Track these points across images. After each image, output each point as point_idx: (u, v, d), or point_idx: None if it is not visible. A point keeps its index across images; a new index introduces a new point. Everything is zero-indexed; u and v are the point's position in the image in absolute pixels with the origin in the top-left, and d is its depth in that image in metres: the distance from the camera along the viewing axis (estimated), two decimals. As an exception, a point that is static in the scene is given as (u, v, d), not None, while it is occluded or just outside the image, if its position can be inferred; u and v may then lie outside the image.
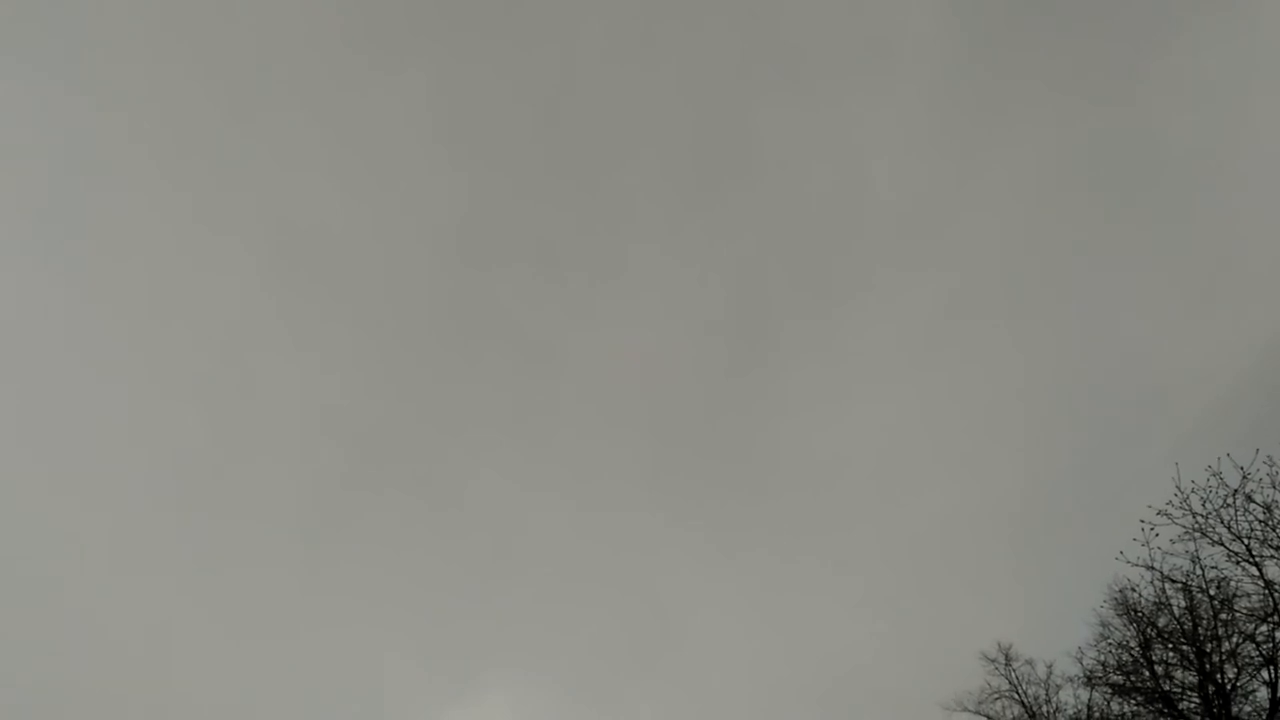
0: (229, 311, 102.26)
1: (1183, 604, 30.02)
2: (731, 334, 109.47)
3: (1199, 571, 29.08)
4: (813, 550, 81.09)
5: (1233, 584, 28.48)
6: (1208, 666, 29.22)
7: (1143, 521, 29.16)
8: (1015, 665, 37.45)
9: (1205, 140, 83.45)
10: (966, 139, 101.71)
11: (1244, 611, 28.32)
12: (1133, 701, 31.77)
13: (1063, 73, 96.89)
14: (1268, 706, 28.02)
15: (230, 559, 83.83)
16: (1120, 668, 32.14)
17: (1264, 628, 27.96)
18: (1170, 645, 30.56)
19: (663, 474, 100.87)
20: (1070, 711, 35.13)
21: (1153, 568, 29.88)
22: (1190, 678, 29.94)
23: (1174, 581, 29.87)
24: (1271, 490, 26.87)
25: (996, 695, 37.42)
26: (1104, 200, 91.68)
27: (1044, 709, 36.03)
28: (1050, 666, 36.53)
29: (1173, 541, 29.16)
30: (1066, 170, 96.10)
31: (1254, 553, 27.30)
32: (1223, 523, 27.70)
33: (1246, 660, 28.57)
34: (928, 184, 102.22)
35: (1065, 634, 35.81)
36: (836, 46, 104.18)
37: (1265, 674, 28.24)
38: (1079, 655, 34.19)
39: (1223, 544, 27.90)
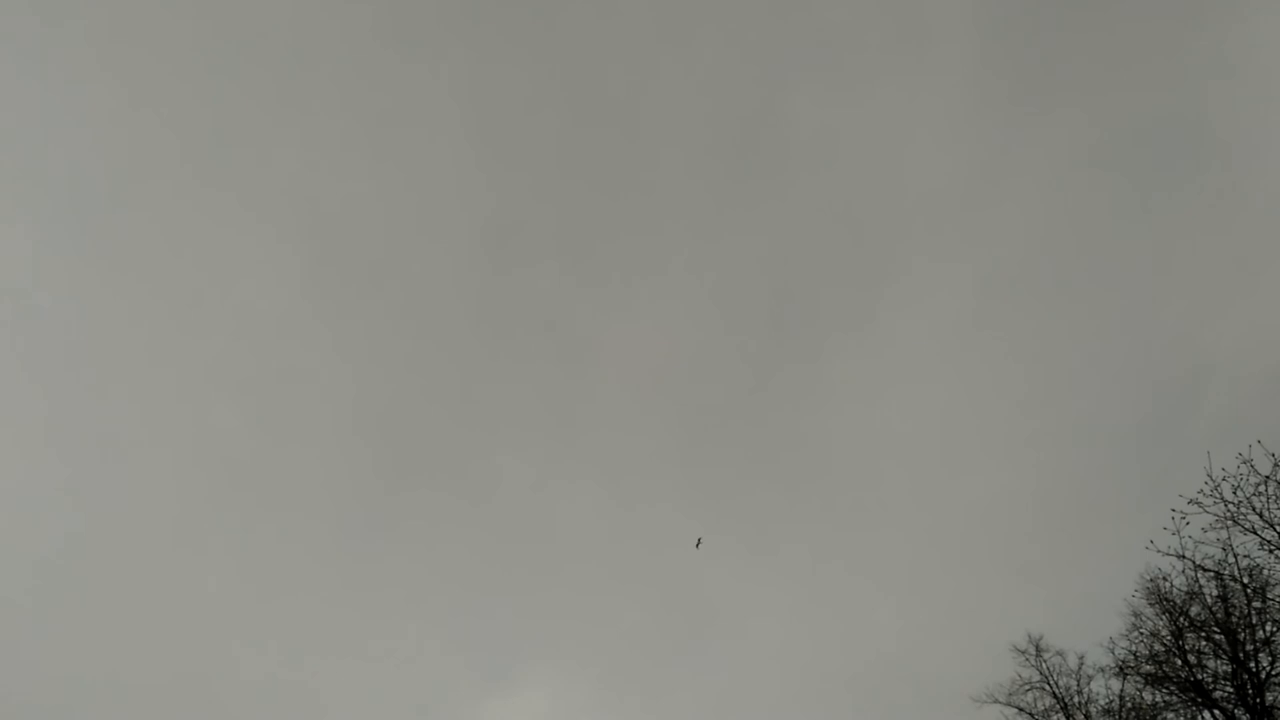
0: (268, 309, 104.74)
1: (1215, 592, 29.81)
2: (765, 326, 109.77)
3: (1231, 559, 28.85)
4: (846, 539, 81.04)
5: (1266, 572, 28.24)
6: (1241, 655, 28.98)
7: (1174, 510, 28.87)
8: (1046, 656, 37.32)
9: (1245, 123, 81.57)
10: (1002, 125, 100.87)
11: (1278, 599, 28.00)
12: (1165, 691, 31.53)
13: (1099, 58, 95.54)
14: (1302, 695, 27.72)
15: (270, 552, 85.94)
16: (1152, 657, 31.93)
17: (1298, 616, 27.65)
18: (1203, 634, 30.32)
19: (696, 466, 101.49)
20: (1102, 702, 34.94)
21: (1184, 556, 29.56)
22: (1223, 666, 29.71)
23: (1206, 570, 29.64)
24: (1304, 477, 26.49)
25: (1028, 687, 37.27)
26: (1143, 184, 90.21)
27: (1075, 700, 35.83)
28: (1082, 657, 36.37)
29: (1204, 530, 28.80)
30: (1104, 155, 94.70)
31: (1287, 540, 26.96)
32: (1255, 510, 27.38)
33: (1281, 648, 28.27)
34: (963, 171, 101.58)
35: (1097, 624, 35.56)
36: (869, 37, 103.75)
37: (1300, 662, 27.93)
38: (1111, 646, 34.06)
39: (1255, 532, 27.59)
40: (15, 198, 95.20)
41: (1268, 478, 26.97)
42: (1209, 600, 30.02)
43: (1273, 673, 28.47)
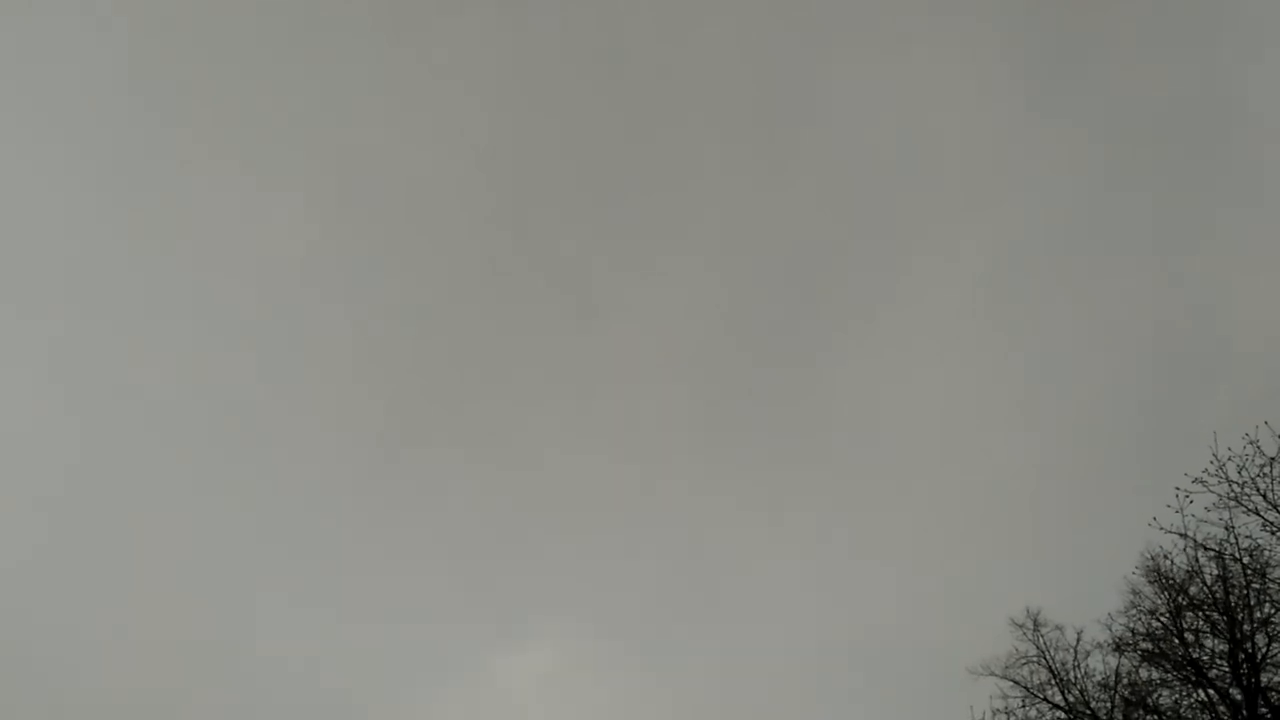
0: (279, 258, 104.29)
1: (1215, 572, 29.90)
2: (784, 296, 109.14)
3: (1233, 540, 28.92)
4: (853, 511, 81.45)
5: (1267, 553, 28.34)
6: (1238, 635, 29.09)
7: (1177, 488, 29.12)
8: (1044, 631, 37.40)
9: (1263, 112, 79.43)
10: (1035, 93, 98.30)
11: (1277, 581, 28.14)
12: (1162, 668, 31.74)
13: (1113, 48, 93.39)
14: (1297, 675, 27.84)
15: (276, 505, 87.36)
16: (1150, 635, 32.13)
17: (1297, 597, 27.71)
18: (1201, 613, 30.45)
19: (713, 427, 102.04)
20: (1098, 678, 35.14)
21: (1186, 535, 29.75)
22: (1220, 646, 29.89)
23: (1207, 549, 29.72)
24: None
25: (1024, 660, 37.43)
26: (1176, 156, 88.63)
27: (1072, 675, 36.05)
28: (1080, 633, 36.40)
29: (1207, 510, 29.10)
30: (1140, 124, 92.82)
31: (1290, 522, 26.98)
32: (1259, 491, 27.53)
33: (1278, 630, 28.35)
34: (994, 139, 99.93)
35: (1096, 601, 35.59)
36: (896, 12, 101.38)
37: (1297, 643, 28.02)
38: (1109, 622, 34.22)
39: (1258, 513, 27.79)
40: (27, 117, 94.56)
41: (1273, 459, 27.04)
42: (1209, 580, 30.12)
43: (1269, 653, 28.59)
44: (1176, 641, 31.02)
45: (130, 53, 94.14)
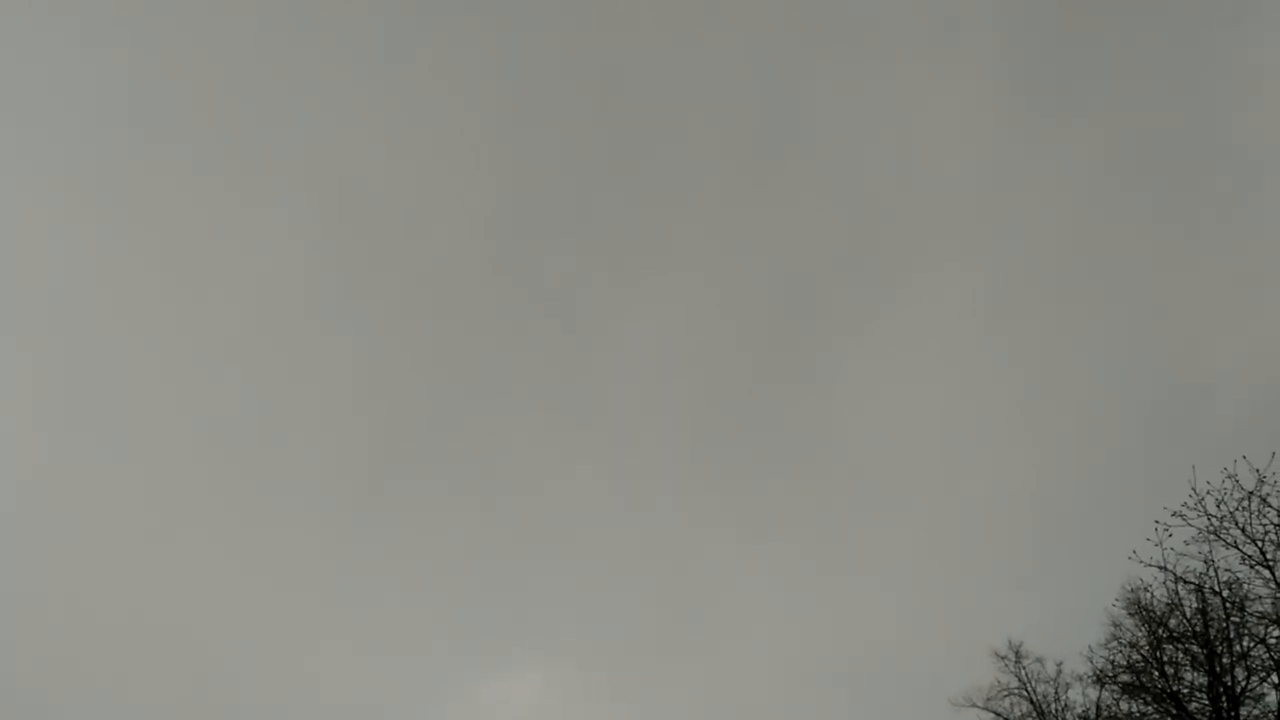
0: (270, 279, 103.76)
1: (1195, 605, 29.93)
2: (778, 314, 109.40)
3: (1212, 573, 28.97)
4: (858, 528, 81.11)
5: (1245, 586, 28.41)
6: (1218, 668, 29.08)
7: (1157, 522, 29.18)
8: (1025, 663, 37.53)
9: (1263, 136, 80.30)
10: (1025, 121, 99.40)
11: (1256, 615, 28.19)
12: (1142, 701, 31.67)
13: (1117, 67, 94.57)
14: (1276, 710, 27.87)
15: (267, 530, 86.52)
16: (1130, 667, 32.08)
17: (1275, 631, 27.87)
18: (1181, 646, 30.42)
19: (702, 455, 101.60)
20: (1079, 710, 35.16)
21: (1166, 568, 29.77)
22: (1200, 679, 29.86)
23: (1187, 583, 29.78)
24: (1288, 494, 26.60)
25: (1006, 692, 37.48)
26: (1160, 190, 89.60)
27: (1053, 707, 36.06)
28: (1060, 665, 36.62)
29: (1187, 543, 29.17)
30: (1125, 158, 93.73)
31: (1268, 556, 27.26)
32: (1237, 525, 27.67)
33: (1257, 663, 28.47)
34: (984, 165, 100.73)
35: (1079, 632, 35.63)
36: (894, 23, 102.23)
37: (1275, 678, 28.01)
38: (1089, 654, 34.23)
39: (1236, 546, 27.91)
40: (30, 153, 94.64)
41: (1251, 493, 27.17)
42: (1188, 613, 30.16)
43: (1248, 687, 28.58)
44: (1156, 674, 30.99)
45: (129, 67, 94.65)
